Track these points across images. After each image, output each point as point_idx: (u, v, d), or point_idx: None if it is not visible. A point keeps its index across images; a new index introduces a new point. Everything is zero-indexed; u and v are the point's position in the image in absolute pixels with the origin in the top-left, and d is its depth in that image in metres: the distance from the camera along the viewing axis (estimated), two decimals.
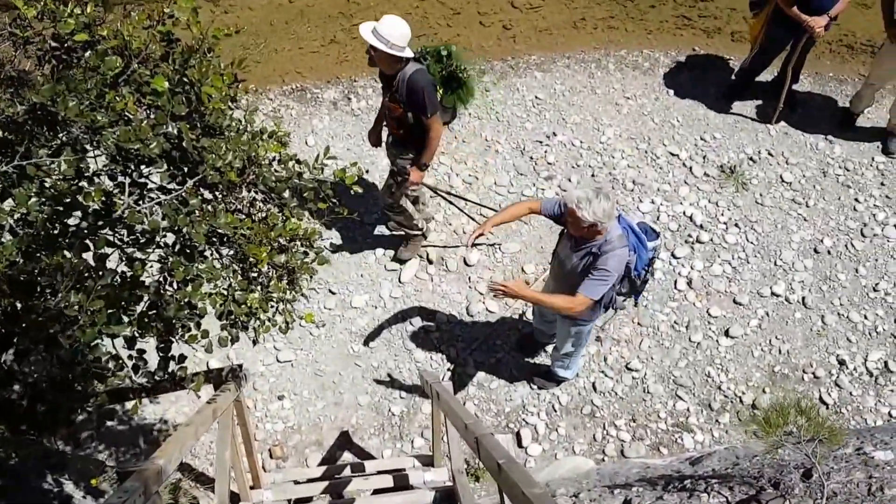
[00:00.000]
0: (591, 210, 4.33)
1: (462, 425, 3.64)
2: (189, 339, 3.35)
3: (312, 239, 3.63)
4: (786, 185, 7.43)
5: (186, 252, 3.22)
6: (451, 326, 6.54)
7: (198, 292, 3.21)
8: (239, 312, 3.40)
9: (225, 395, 4.66)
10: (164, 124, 3.08)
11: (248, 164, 3.33)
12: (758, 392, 6.24)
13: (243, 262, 3.47)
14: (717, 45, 8.66)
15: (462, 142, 7.68)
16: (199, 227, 3.05)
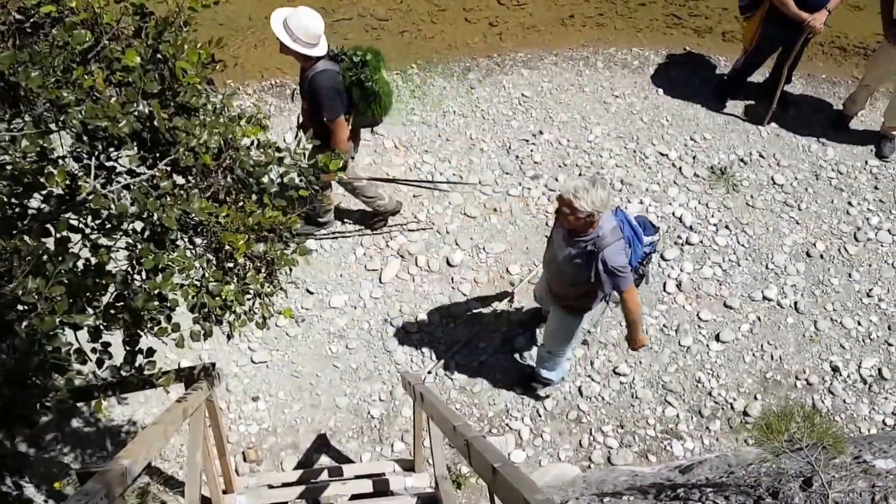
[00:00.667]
0: (588, 199, 4.25)
1: (450, 428, 3.47)
2: (158, 332, 3.15)
3: (293, 228, 3.47)
4: (777, 187, 7.33)
5: (156, 239, 3.03)
6: (432, 328, 6.38)
7: (168, 282, 3.01)
8: (213, 305, 3.20)
9: (196, 394, 4.48)
10: (134, 102, 2.91)
11: (224, 147, 3.17)
12: (749, 399, 6.12)
13: (218, 251, 3.28)
14: (708, 44, 8.58)
15: (446, 140, 7.54)
16: (171, 212, 2.87)
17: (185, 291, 3.14)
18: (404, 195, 7.07)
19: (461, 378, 6.14)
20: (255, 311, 3.53)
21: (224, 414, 5.86)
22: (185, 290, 3.14)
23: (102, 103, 2.81)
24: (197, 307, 3.18)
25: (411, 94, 7.91)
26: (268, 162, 3.30)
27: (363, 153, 7.32)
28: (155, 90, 2.96)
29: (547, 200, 7.11)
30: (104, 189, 2.90)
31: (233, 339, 6.18)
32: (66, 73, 2.85)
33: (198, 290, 3.17)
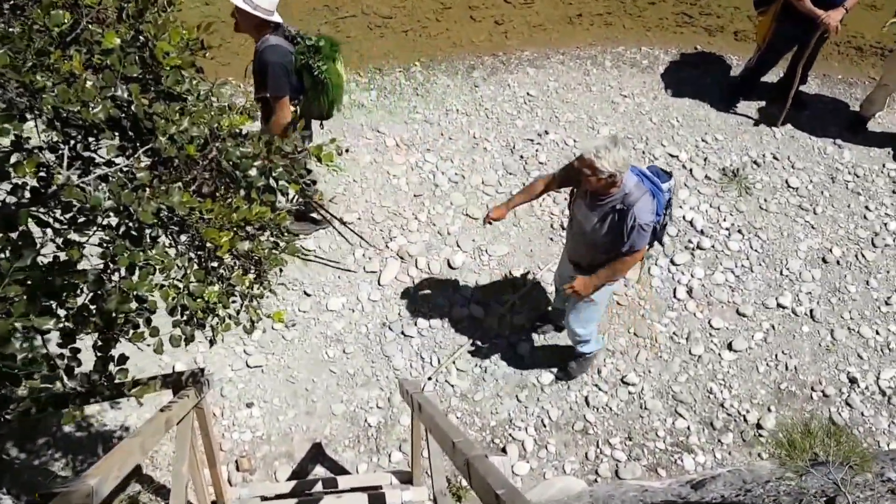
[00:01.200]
0: (610, 160, 4.09)
1: (449, 444, 3.20)
2: (134, 336, 2.89)
3: (282, 225, 3.21)
4: (792, 190, 7.07)
5: (133, 235, 2.78)
6: (433, 332, 6.12)
7: (145, 283, 2.76)
8: (194, 307, 2.95)
9: (182, 402, 4.22)
10: (112, 86, 2.66)
11: (210, 138, 2.92)
12: (763, 411, 5.86)
13: (201, 249, 3.04)
14: (719, 43, 8.32)
15: (449, 139, 7.28)
16: (147, 206, 2.62)
17: (164, 293, 2.89)
18: (404, 194, 6.82)
19: (462, 385, 5.88)
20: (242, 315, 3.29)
21: (217, 421, 5.61)
22: (165, 291, 2.89)
23: (77, 86, 2.56)
24: (177, 309, 2.94)
25: (414, 92, 7.66)
26: (256, 154, 3.05)
27: (364, 151, 7.07)
28: (135, 73, 2.71)
29: (552, 202, 6.85)
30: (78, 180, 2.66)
31: (229, 343, 6.00)
32: (40, 56, 2.61)
33: (178, 292, 2.92)
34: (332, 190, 6.79)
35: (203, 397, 4.73)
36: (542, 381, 5.89)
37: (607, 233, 4.55)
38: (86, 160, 2.80)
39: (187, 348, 5.89)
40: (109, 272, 2.81)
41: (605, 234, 4.56)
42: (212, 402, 5.66)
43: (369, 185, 6.88)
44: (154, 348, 2.96)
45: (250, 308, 3.31)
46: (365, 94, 7.60)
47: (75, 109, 2.54)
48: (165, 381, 4.52)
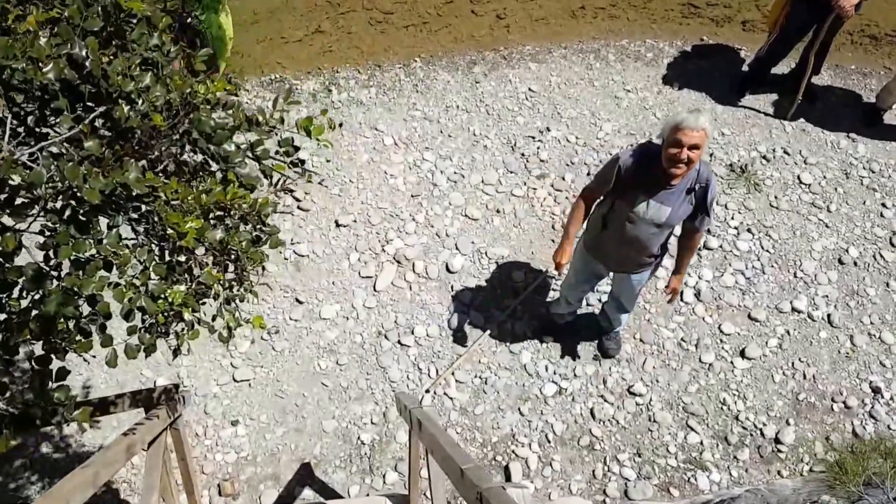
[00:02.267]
0: (708, 125, 3.57)
1: (456, 471, 2.58)
2: (79, 346, 2.27)
3: (263, 212, 2.53)
4: (804, 186, 6.28)
5: (79, 220, 2.15)
6: (431, 341, 5.41)
7: (93, 280, 2.15)
8: (154, 310, 2.32)
9: (150, 424, 3.54)
10: (68, 42, 2.06)
11: (180, 106, 2.28)
12: (781, 424, 5.13)
13: (164, 239, 2.40)
14: (726, 34, 7.52)
15: (448, 136, 6.53)
16: (95, 182, 2.02)
17: (118, 292, 2.26)
18: (402, 194, 6.08)
19: (462, 398, 5.18)
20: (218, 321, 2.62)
21: (200, 441, 4.94)
22: (120, 290, 2.27)
23: (24, 41, 1.98)
24: (134, 313, 2.32)
25: (414, 88, 6.92)
26: (234, 126, 2.38)
27: (361, 150, 6.35)
28: (96, 27, 2.16)
29: (553, 202, 6.11)
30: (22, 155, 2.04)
31: (214, 355, 5.30)
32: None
33: (136, 291, 2.30)
34: (327, 192, 6.07)
35: (178, 416, 4.04)
36: (545, 393, 5.18)
37: (687, 219, 4.03)
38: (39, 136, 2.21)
39: (172, 361, 5.24)
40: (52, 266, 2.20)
41: (683, 221, 4.06)
42: (194, 421, 4.99)
43: (366, 185, 6.17)
44: (107, 360, 2.37)
45: (226, 312, 2.67)
46: (364, 91, 6.87)
47: (19, 67, 1.98)
48: (135, 399, 3.85)
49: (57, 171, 2.00)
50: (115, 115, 2.13)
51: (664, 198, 3.88)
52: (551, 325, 5.42)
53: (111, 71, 2.11)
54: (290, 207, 6.02)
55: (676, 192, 3.86)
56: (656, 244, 4.23)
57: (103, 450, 3.17)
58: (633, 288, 4.67)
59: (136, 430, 3.36)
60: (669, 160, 3.66)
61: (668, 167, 3.69)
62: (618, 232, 4.16)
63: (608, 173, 3.99)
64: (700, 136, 3.54)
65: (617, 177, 3.94)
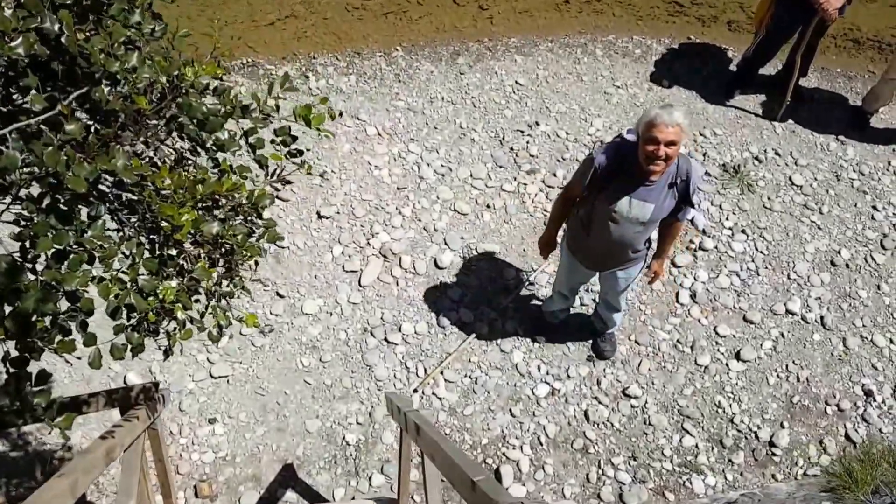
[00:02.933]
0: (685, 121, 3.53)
1: (466, 482, 2.38)
2: (60, 346, 2.08)
3: (260, 204, 2.41)
4: (796, 188, 6.32)
5: (60, 210, 1.98)
6: (419, 339, 5.31)
7: (76, 274, 1.98)
8: (144, 307, 2.18)
9: (130, 425, 3.36)
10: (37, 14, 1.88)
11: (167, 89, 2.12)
12: (775, 427, 5.12)
13: (154, 232, 2.27)
14: (713, 34, 7.56)
15: (434, 128, 6.45)
16: (79, 169, 1.86)
17: (104, 288, 2.11)
18: (387, 187, 5.98)
19: (451, 398, 5.08)
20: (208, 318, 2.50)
21: (174, 439, 4.76)
22: (105, 285, 2.11)
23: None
24: (121, 311, 2.16)
25: (396, 78, 6.81)
26: (227, 113, 2.24)
27: (343, 140, 6.23)
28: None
29: (545, 198, 6.05)
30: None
31: (189, 349, 5.12)
32: None
33: (123, 287, 2.15)
34: (308, 181, 5.94)
35: (157, 417, 3.88)
36: (537, 394, 5.11)
37: (669, 213, 3.96)
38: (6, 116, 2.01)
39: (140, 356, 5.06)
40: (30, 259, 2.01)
41: (665, 216, 3.98)
42: (168, 418, 4.81)
43: (349, 176, 6.04)
44: (90, 361, 2.20)
45: (217, 310, 2.55)
46: (343, 79, 6.75)
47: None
48: (111, 398, 3.66)
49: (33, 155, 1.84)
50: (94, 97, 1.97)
51: (646, 194, 3.82)
52: (544, 325, 5.35)
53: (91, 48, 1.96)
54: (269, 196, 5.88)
55: (658, 188, 3.81)
56: (642, 241, 4.21)
57: (81, 455, 2.98)
58: (619, 285, 4.61)
59: (114, 433, 3.18)
60: (647, 158, 3.60)
61: (645, 165, 3.64)
62: (601, 232, 4.10)
63: (584, 173, 3.92)
64: (675, 131, 3.48)
65: (593, 176, 3.87)
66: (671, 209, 3.93)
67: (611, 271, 4.48)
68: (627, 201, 3.87)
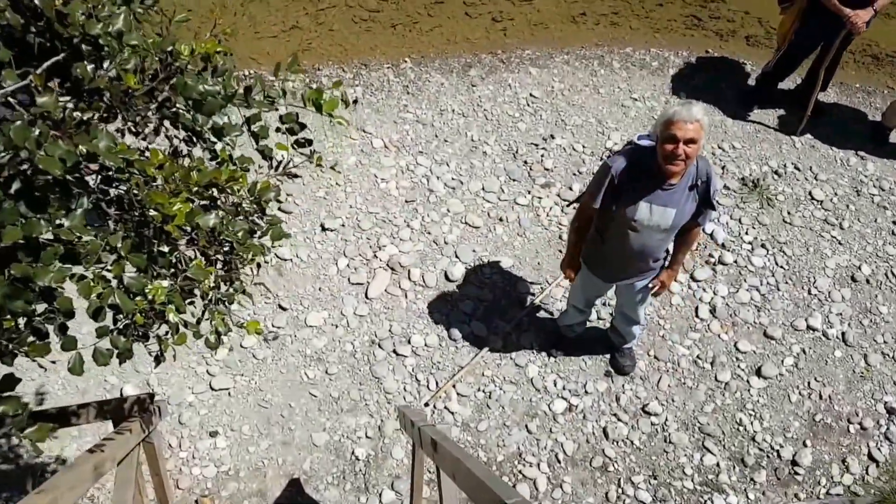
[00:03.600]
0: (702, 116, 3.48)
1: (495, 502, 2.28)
2: (32, 349, 1.98)
3: (263, 198, 2.35)
4: (816, 203, 6.34)
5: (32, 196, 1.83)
6: (429, 352, 5.29)
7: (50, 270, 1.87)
8: (130, 308, 2.05)
9: (122, 438, 3.27)
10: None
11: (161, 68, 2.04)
12: (798, 445, 5.09)
13: (144, 225, 2.12)
14: (731, 48, 7.60)
15: (444, 141, 6.47)
16: (53, 148, 1.74)
17: (85, 286, 1.98)
18: (395, 199, 6.00)
19: (464, 413, 5.05)
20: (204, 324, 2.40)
21: (174, 453, 4.72)
22: (87, 284, 1.99)
23: None
24: (104, 312, 2.04)
25: (404, 90, 6.85)
26: (227, 96, 2.16)
27: (348, 152, 6.26)
28: None
29: (560, 211, 6.06)
30: None
31: (188, 361, 5.09)
32: None
33: (107, 286, 2.02)
34: (311, 193, 5.96)
35: (153, 429, 3.82)
36: (554, 409, 5.08)
37: (690, 218, 3.91)
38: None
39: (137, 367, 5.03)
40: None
41: (686, 221, 3.92)
42: (167, 431, 4.78)
43: (354, 188, 6.06)
44: (70, 366, 2.08)
45: (216, 314, 2.43)
46: (349, 91, 6.78)
47: None
48: (102, 410, 3.59)
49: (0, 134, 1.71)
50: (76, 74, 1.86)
51: (666, 199, 3.78)
52: (560, 339, 5.35)
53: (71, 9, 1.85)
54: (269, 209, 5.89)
55: (678, 192, 3.77)
56: (663, 248, 4.18)
57: (65, 470, 2.85)
58: (638, 296, 4.59)
59: (105, 446, 3.09)
60: (666, 157, 3.56)
61: (664, 165, 3.61)
62: (621, 243, 4.06)
63: (600, 183, 3.88)
64: (695, 128, 3.45)
65: (611, 185, 3.83)
66: (692, 213, 3.90)
67: (629, 282, 4.45)
68: (647, 208, 3.83)
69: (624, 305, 4.84)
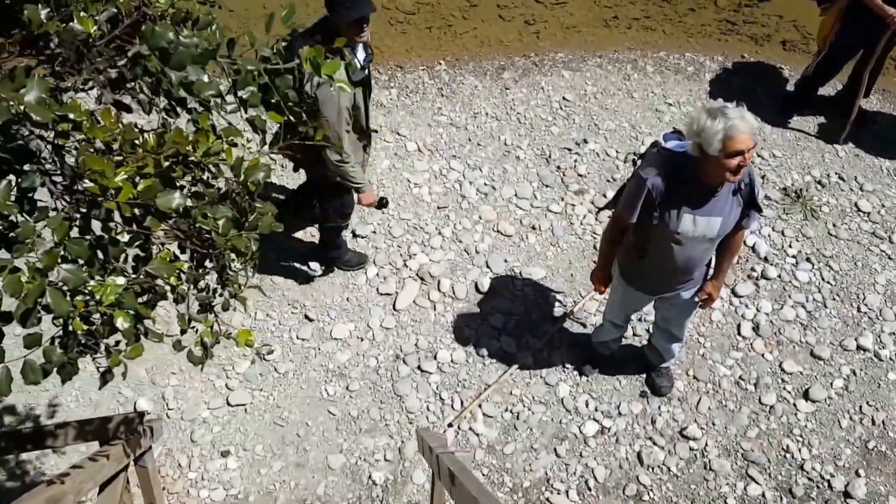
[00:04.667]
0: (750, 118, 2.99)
1: None
2: None
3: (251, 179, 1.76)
4: (863, 215, 5.48)
5: None
6: (455, 368, 4.56)
7: None
8: (63, 311, 1.47)
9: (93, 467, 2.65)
10: None
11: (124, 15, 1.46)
12: (850, 475, 4.29)
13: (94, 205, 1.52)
14: (767, 53, 6.75)
15: (477, 144, 5.72)
16: None
17: (12, 281, 1.40)
18: (427, 205, 5.27)
19: (490, 435, 4.32)
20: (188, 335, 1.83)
21: (183, 474, 4.06)
22: (15, 279, 1.41)
23: None
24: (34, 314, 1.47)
25: (438, 92, 6.10)
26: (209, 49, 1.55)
27: (381, 155, 5.54)
28: None
29: (594, 219, 5.29)
30: None
31: (207, 374, 4.42)
32: None
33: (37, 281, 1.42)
34: None
35: (145, 452, 3.17)
36: (585, 432, 4.33)
37: (735, 225, 3.38)
38: None
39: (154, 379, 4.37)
40: None
41: (731, 228, 3.39)
42: (177, 449, 4.13)
43: (387, 193, 5.35)
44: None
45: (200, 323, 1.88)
46: (384, 93, 6.05)
47: None
48: (83, 431, 2.95)
49: None
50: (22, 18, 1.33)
51: (710, 209, 3.22)
52: (593, 356, 4.58)
53: None
54: None
55: (722, 199, 3.22)
56: (708, 258, 3.60)
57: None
58: (684, 308, 3.91)
59: (68, 475, 2.46)
60: (733, 171, 3.00)
61: (728, 177, 3.06)
62: (663, 256, 3.45)
63: (635, 197, 3.27)
64: (752, 135, 2.98)
65: (647, 199, 3.22)
66: (738, 218, 3.37)
67: (674, 293, 3.77)
68: (691, 219, 3.23)
69: (665, 320, 4.14)
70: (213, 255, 1.84)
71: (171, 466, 4.09)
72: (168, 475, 4.05)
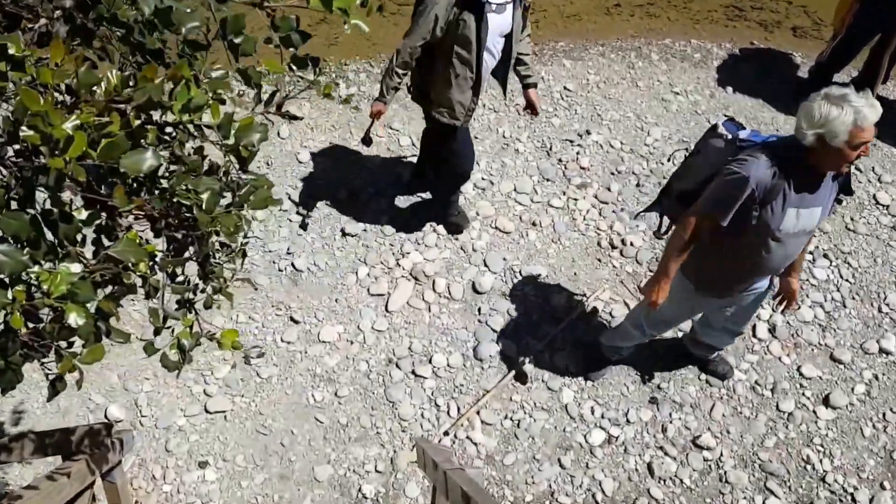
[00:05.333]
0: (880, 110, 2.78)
1: None
2: None
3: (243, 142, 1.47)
4: (882, 207, 5.19)
5: None
6: (451, 373, 4.26)
7: None
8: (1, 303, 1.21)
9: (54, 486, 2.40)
10: None
11: None
12: (875, 488, 3.99)
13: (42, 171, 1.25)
14: (777, 39, 6.47)
15: (474, 138, 5.40)
16: None
17: None
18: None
19: (489, 444, 4.02)
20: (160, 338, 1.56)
21: (157, 486, 3.76)
22: None
23: None
24: None
25: None
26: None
27: (374, 150, 5.24)
28: None
29: (598, 214, 5.00)
30: None
31: (184, 379, 4.12)
32: None
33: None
34: (333, 194, 4.95)
35: (114, 467, 2.88)
36: (591, 441, 4.03)
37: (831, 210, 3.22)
38: None
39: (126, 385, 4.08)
40: None
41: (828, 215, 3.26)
42: (151, 460, 3.83)
43: (379, 188, 5.05)
44: None
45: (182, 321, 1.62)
46: (377, 87, 5.74)
47: None
48: (43, 444, 2.67)
49: None
50: None
51: (811, 200, 2.94)
52: (599, 360, 4.27)
53: None
54: (287, 212, 4.90)
55: (825, 186, 2.96)
56: (796, 252, 3.32)
57: None
58: (753, 304, 3.70)
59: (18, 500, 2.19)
60: (853, 161, 2.86)
61: (847, 168, 2.92)
62: (755, 259, 3.15)
63: (733, 199, 2.93)
64: (869, 135, 2.78)
65: (749, 199, 2.91)
66: (832, 208, 3.23)
67: (751, 291, 3.50)
68: (794, 214, 2.96)
69: (730, 320, 3.85)
70: (195, 239, 1.55)
71: (144, 478, 3.79)
72: (141, 487, 3.76)
